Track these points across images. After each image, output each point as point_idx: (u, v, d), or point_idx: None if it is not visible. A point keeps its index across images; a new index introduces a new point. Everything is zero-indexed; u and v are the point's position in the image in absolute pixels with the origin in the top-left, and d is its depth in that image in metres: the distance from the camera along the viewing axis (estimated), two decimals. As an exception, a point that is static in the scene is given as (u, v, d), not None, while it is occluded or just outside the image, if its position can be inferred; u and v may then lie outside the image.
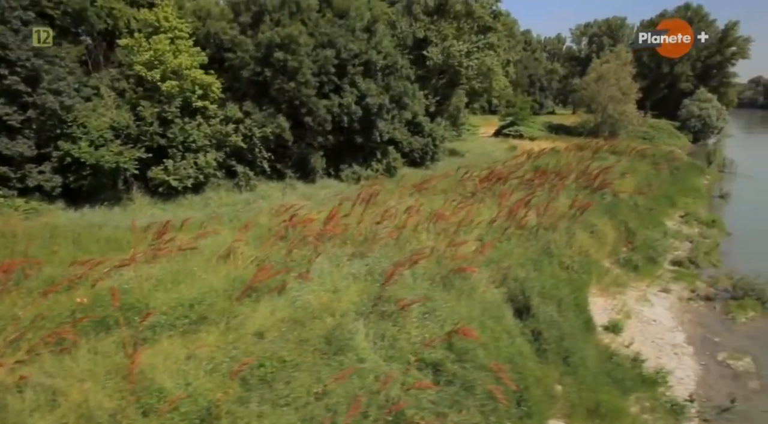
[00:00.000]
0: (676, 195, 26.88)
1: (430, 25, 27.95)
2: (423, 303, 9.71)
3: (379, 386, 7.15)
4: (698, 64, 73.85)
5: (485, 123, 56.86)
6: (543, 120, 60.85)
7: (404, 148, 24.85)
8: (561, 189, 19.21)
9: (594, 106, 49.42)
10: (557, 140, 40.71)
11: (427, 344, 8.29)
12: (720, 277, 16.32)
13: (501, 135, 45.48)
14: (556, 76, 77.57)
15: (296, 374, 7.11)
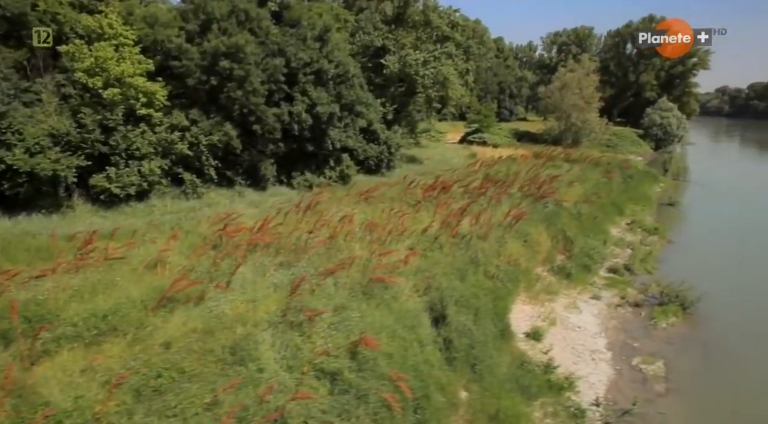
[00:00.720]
0: (625, 203, 27.66)
1: (389, 33, 28.33)
2: (337, 312, 10.03)
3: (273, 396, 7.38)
4: (662, 73, 75.86)
5: (453, 129, 57.50)
6: (511, 127, 61.86)
7: (359, 156, 25.10)
8: (504, 198, 19.72)
9: (558, 114, 50.46)
10: (519, 148, 41.50)
11: (329, 353, 8.56)
12: (651, 284, 16.90)
13: (466, 142, 46.14)
14: (526, 84, 78.85)
15: (189, 385, 7.28)
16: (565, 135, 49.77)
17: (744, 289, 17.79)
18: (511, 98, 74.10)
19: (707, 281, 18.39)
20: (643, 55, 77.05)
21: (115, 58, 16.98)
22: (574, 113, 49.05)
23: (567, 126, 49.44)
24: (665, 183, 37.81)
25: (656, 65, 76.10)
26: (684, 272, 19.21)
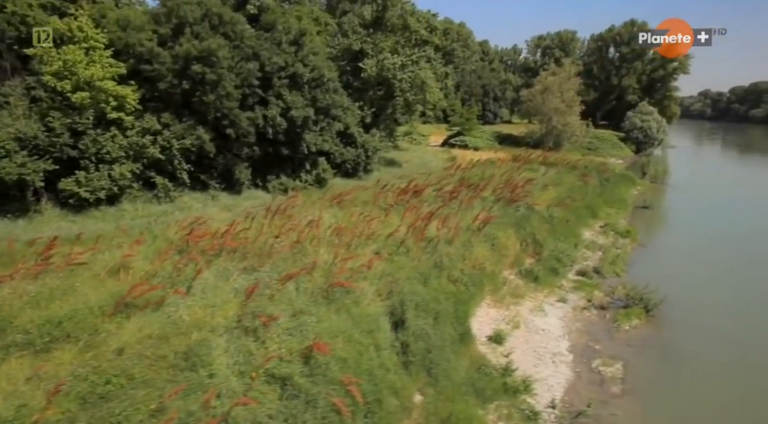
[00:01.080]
0: (600, 206, 28.05)
1: (367, 37, 28.46)
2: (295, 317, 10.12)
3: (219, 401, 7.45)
4: (644, 77, 76.85)
5: (437, 132, 57.82)
6: (494, 129, 62.27)
7: (336, 160, 25.19)
8: (476, 201, 19.92)
9: (539, 117, 50.93)
10: (500, 151, 41.86)
11: (282, 358, 8.64)
12: (618, 286, 17.17)
13: (448, 145, 46.39)
14: (510, 87, 79.45)
15: (135, 392, 7.32)
16: (546, 138, 50.21)
17: (709, 292, 18.14)
18: (495, 101, 74.60)
19: (674, 284, 18.78)
20: (625, 59, 78.09)
21: (85, 61, 16.90)
22: (556, 117, 49.51)
23: (548, 129, 49.90)
24: (642, 186, 38.32)
25: (638, 69, 77.12)
26: (652, 274, 19.58)
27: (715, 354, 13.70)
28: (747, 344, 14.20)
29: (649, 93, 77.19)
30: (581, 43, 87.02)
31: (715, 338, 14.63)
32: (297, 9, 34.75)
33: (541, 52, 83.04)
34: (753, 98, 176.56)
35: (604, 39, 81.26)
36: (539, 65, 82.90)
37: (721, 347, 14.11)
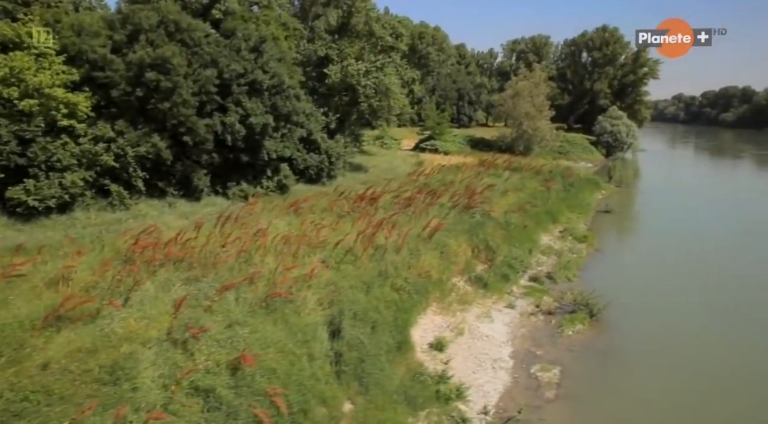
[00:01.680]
0: (561, 211, 28.58)
1: (332, 43, 28.61)
2: (229, 328, 10.21)
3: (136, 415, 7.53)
4: (615, 82, 78.34)
5: (411, 135, 58.08)
6: (468, 133, 62.90)
7: (299, 165, 25.26)
8: (432, 208, 20.20)
9: (510, 121, 51.61)
10: (469, 155, 42.30)
11: (208, 370, 8.75)
12: (567, 291, 17.53)
13: (419, 149, 46.77)
14: (485, 90, 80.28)
15: (50, 409, 7.35)
16: (517, 142, 50.95)
17: (658, 296, 18.47)
18: (470, 104, 75.34)
19: (624, 288, 19.30)
20: (597, 64, 79.54)
21: (34, 68, 16.74)
22: (526, 121, 50.25)
23: (519, 133, 50.62)
24: (607, 190, 39.13)
25: (609, 74, 78.62)
26: (603, 279, 20.10)
27: (655, 358, 14.07)
28: (690, 349, 14.52)
29: (621, 97, 78.76)
30: (555, 48, 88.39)
31: (657, 343, 14.98)
32: (265, 14, 34.72)
33: (516, 56, 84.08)
34: (723, 103, 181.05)
35: (577, 44, 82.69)
36: (514, 69, 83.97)
37: (662, 351, 14.44)
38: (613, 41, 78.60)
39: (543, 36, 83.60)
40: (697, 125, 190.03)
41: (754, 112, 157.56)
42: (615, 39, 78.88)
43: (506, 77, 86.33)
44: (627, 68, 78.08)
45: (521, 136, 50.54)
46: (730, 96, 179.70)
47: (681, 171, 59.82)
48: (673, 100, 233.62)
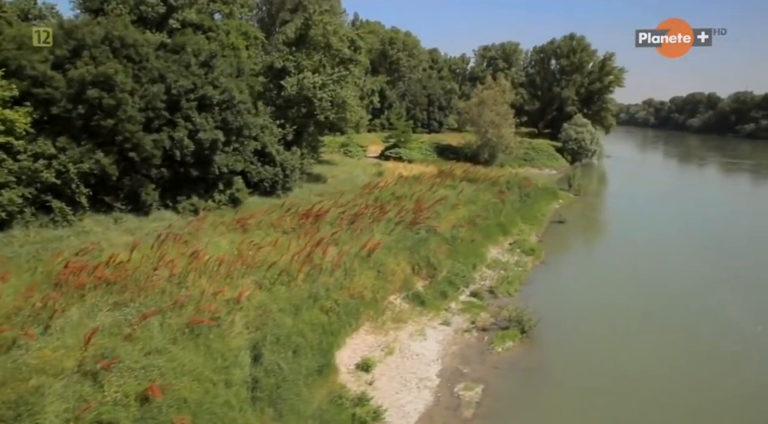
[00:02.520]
0: (514, 223, 29.24)
1: (290, 55, 28.80)
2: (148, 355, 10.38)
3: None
4: (582, 90, 79.91)
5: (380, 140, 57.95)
6: (436, 139, 63.53)
7: (253, 178, 25.39)
8: (378, 224, 20.57)
9: (475, 129, 52.37)
10: (432, 164, 42.82)
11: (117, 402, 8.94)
12: (505, 307, 18.02)
13: (384, 157, 47.20)
14: (455, 95, 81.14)
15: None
16: (482, 150, 51.70)
17: (592, 313, 19.06)
18: (440, 110, 76.05)
19: (560, 303, 19.89)
20: (565, 71, 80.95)
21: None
22: (490, 129, 51.06)
23: (484, 141, 51.39)
24: (565, 199, 39.99)
25: (577, 82, 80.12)
26: (543, 293, 20.70)
27: (580, 376, 14.47)
28: (618, 368, 14.83)
29: (588, 104, 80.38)
30: (525, 54, 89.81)
31: (585, 360, 15.37)
32: (225, 23, 34.73)
33: (486, 62, 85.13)
34: (690, 108, 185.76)
35: (546, 51, 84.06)
36: (485, 75, 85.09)
37: (589, 369, 14.83)
38: (580, 49, 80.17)
39: (512, 43, 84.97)
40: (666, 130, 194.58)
41: (719, 119, 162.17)
42: (582, 47, 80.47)
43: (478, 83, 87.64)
44: (594, 76, 79.63)
45: (486, 144, 51.33)
46: (696, 102, 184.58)
47: (643, 179, 60.57)
48: (644, 105, 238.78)
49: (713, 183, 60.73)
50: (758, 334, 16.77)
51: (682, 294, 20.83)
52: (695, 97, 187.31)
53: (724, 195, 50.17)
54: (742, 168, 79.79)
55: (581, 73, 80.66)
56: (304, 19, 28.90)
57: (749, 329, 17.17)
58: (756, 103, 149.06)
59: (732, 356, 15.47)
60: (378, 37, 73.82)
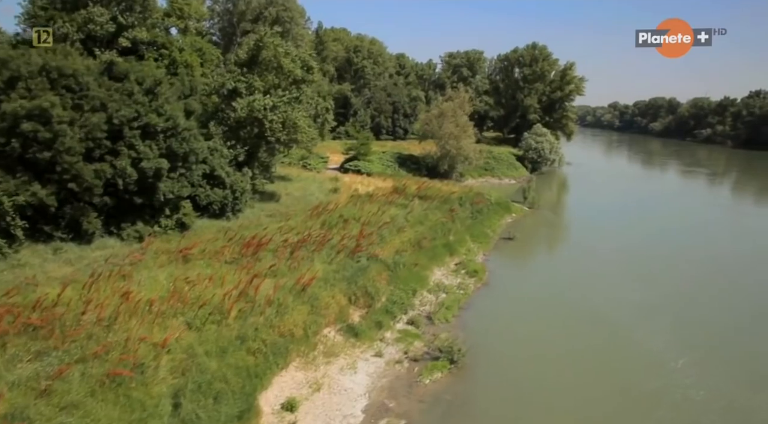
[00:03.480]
0: (463, 241, 30.03)
1: (241, 76, 28.98)
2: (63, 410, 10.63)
3: None
4: (544, 98, 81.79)
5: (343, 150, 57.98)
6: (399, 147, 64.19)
7: (201, 202, 25.54)
8: (319, 253, 21.04)
9: (436, 140, 53.20)
10: (389, 177, 43.45)
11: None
12: (439, 335, 18.63)
13: (344, 169, 47.69)
14: (420, 102, 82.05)
15: None
16: (442, 161, 52.64)
17: (523, 339, 19.45)
18: (405, 117, 76.81)
19: (495, 330, 20.43)
20: (528, 80, 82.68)
21: None
22: (450, 141, 52.01)
23: (443, 153, 52.29)
24: (518, 213, 41.04)
25: (539, 90, 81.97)
26: (479, 319, 21.31)
27: (504, 408, 15.00)
28: (545, 398, 15.39)
29: (549, 112, 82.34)
30: (490, 62, 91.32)
31: (511, 391, 15.93)
32: (178, 39, 34.63)
33: (452, 70, 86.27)
34: (652, 112, 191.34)
35: (509, 59, 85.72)
36: (450, 82, 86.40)
37: (515, 400, 15.42)
38: (542, 58, 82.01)
39: (477, 51, 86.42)
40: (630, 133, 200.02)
41: (678, 123, 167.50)
42: (544, 56, 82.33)
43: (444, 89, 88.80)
44: (555, 85, 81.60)
45: (445, 155, 52.27)
46: (658, 106, 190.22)
47: (601, 190, 61.10)
48: (609, 108, 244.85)
49: (671, 194, 61.06)
50: (679, 368, 17.39)
51: (618, 323, 21.17)
52: (657, 101, 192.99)
53: (681, 207, 50.46)
54: (699, 176, 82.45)
55: (543, 81, 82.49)
56: (255, 41, 29.04)
57: (672, 364, 17.64)
58: (712, 108, 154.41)
59: (651, 394, 15.90)
60: (343, 44, 74.14)
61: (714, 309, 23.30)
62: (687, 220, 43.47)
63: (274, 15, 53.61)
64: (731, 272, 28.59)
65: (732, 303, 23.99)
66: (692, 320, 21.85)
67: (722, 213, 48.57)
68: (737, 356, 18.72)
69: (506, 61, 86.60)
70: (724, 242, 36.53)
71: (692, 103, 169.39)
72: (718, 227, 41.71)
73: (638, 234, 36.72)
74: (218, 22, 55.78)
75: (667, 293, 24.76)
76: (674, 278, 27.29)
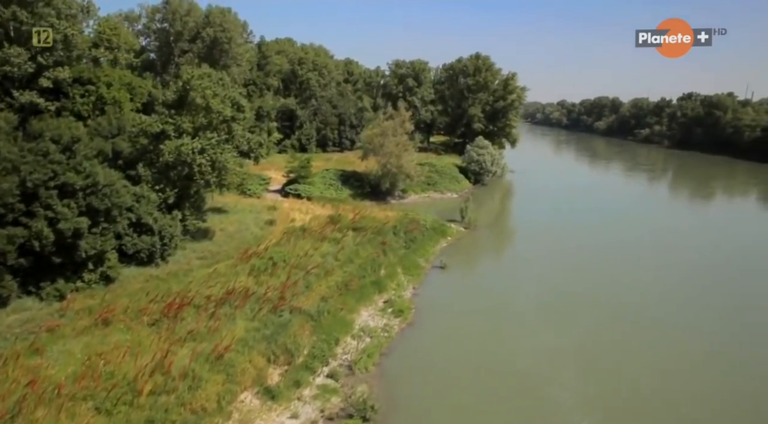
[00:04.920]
0: (394, 274, 31.02)
1: (169, 118, 28.93)
2: None
3: None
4: (488, 107, 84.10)
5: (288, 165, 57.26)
6: (344, 161, 64.84)
7: (128, 250, 25.55)
8: (242, 309, 21.60)
9: (377, 159, 54.10)
10: (328, 203, 44.04)
11: None
12: (356, 389, 19.49)
13: (284, 192, 48.02)
14: (367, 113, 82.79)
15: None
16: (383, 180, 53.66)
17: (439, 388, 20.13)
18: (352, 128, 77.44)
19: (410, 378, 20.92)
20: (471, 90, 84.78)
21: None
22: (391, 159, 53.07)
23: (385, 171, 53.29)
24: (453, 235, 42.35)
25: (482, 100, 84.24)
26: (399, 367, 22.00)
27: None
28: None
29: (493, 121, 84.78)
30: (435, 70, 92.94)
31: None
32: (106, 74, 34.07)
33: (398, 79, 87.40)
34: (597, 111, 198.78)
35: (454, 69, 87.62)
36: (397, 92, 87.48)
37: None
38: (485, 69, 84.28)
39: (422, 61, 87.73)
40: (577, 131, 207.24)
41: (621, 123, 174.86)
42: (487, 67, 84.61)
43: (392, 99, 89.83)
44: (498, 94, 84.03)
45: (387, 174, 53.29)
46: (602, 106, 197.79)
47: (542, 202, 61.59)
48: (558, 106, 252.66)
49: (610, 204, 62.62)
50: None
51: (532, 373, 21.52)
52: (601, 100, 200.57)
53: (622, 221, 51.95)
54: (640, 181, 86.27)
55: (487, 91, 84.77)
56: (183, 83, 29.04)
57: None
58: (650, 109, 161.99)
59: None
60: (287, 57, 73.89)
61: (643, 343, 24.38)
62: (625, 236, 45.04)
63: (212, 36, 53.06)
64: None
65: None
66: (605, 369, 22.29)
67: (654, 233, 49.10)
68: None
69: (451, 70, 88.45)
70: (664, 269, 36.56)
71: (633, 103, 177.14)
72: (655, 252, 41.67)
73: (571, 257, 38.02)
74: (155, 39, 54.61)
75: (582, 338, 24.93)
76: (594, 317, 27.53)
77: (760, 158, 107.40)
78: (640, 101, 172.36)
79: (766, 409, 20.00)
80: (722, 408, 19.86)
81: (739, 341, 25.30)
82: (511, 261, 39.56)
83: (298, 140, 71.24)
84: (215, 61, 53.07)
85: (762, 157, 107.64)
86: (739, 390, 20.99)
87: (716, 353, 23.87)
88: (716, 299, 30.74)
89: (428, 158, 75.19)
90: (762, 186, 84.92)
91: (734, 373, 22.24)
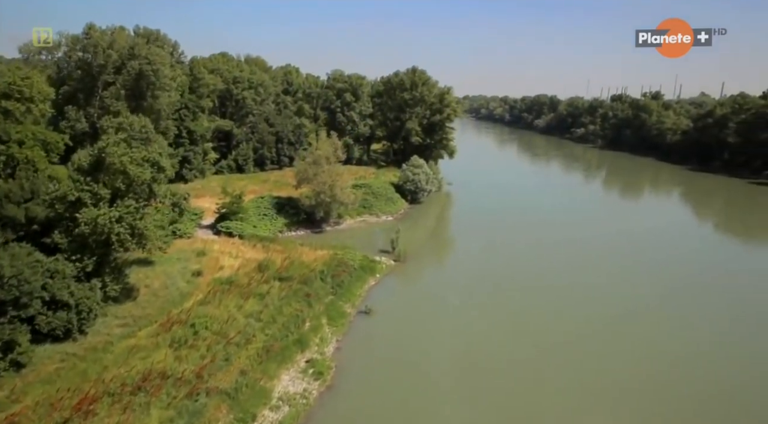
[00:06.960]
0: (318, 328, 32.06)
1: (84, 185, 28.75)
2: None
3: None
4: (425, 121, 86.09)
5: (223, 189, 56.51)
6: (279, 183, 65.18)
7: (43, 329, 25.54)
8: (158, 395, 22.22)
9: (311, 187, 54.81)
10: (259, 243, 44.38)
11: None
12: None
13: (216, 230, 48.06)
14: (305, 129, 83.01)
15: None
16: (318, 208, 54.51)
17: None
18: (290, 145, 77.51)
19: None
20: (408, 103, 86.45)
21: None
22: (326, 188, 53.95)
23: (318, 201, 54.11)
24: (381, 272, 43.59)
25: (419, 114, 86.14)
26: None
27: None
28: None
29: (430, 134, 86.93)
30: (373, 83, 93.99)
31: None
32: (18, 130, 33.20)
33: (336, 93, 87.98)
34: (536, 109, 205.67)
35: (391, 83, 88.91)
36: (335, 106, 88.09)
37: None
38: (422, 83, 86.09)
39: (359, 76, 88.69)
40: (518, 128, 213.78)
41: (558, 121, 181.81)
42: (423, 81, 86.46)
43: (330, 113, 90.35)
44: (435, 108, 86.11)
45: (321, 203, 54.17)
46: (541, 103, 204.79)
47: (476, 220, 63.10)
48: (501, 102, 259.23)
49: (547, 215, 66.20)
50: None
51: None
52: (540, 98, 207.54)
53: (552, 237, 54.77)
54: (576, 182, 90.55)
55: (423, 105, 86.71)
56: (98, 149, 28.91)
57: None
58: (585, 108, 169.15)
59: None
60: (222, 76, 72.93)
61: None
62: (559, 255, 48.12)
63: (137, 68, 51.80)
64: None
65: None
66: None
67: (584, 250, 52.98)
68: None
69: (389, 83, 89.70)
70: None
71: (569, 102, 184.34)
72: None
73: (499, 289, 40.09)
74: (76, 68, 52.73)
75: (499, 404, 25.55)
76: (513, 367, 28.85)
77: (681, 161, 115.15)
78: (575, 100, 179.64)
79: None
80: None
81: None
82: (435, 301, 38.58)
83: (234, 161, 70.85)
84: (142, 92, 52.03)
85: (681, 161, 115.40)
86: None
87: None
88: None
89: (366, 174, 76.64)
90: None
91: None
